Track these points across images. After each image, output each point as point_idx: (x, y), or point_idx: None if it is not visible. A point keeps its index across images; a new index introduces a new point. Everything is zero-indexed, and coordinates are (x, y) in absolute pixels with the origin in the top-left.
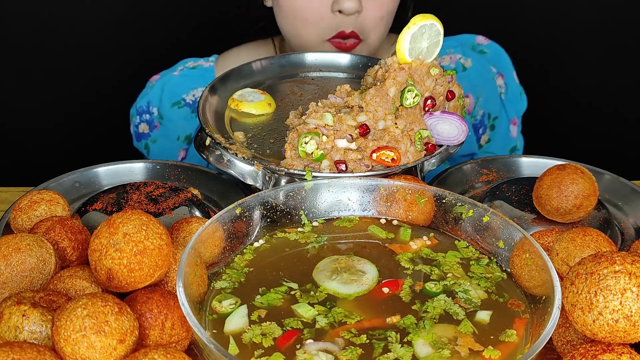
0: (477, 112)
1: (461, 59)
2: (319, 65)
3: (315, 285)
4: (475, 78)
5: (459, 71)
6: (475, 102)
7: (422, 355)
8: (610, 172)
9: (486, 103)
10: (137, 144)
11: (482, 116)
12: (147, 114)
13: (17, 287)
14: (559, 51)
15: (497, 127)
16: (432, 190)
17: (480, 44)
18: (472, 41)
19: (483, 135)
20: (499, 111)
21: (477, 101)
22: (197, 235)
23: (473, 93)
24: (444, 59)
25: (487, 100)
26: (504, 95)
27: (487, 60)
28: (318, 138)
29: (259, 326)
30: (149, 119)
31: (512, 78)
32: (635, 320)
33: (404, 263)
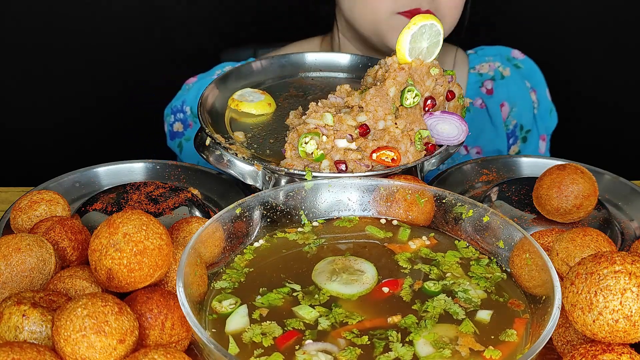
0: (510, 121)
1: (500, 67)
2: (319, 65)
3: (317, 287)
4: (512, 87)
5: (497, 79)
6: (510, 111)
7: (422, 355)
8: (610, 172)
9: (520, 115)
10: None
11: (515, 126)
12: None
13: (17, 287)
14: (561, 50)
15: (528, 140)
16: (432, 190)
17: (516, 58)
18: (507, 53)
19: (513, 146)
20: (531, 125)
21: (511, 111)
22: (197, 235)
23: (508, 102)
24: (482, 66)
25: (521, 113)
26: (536, 110)
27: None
28: (318, 138)
29: (259, 325)
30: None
31: (544, 94)
32: (635, 320)
33: (402, 263)
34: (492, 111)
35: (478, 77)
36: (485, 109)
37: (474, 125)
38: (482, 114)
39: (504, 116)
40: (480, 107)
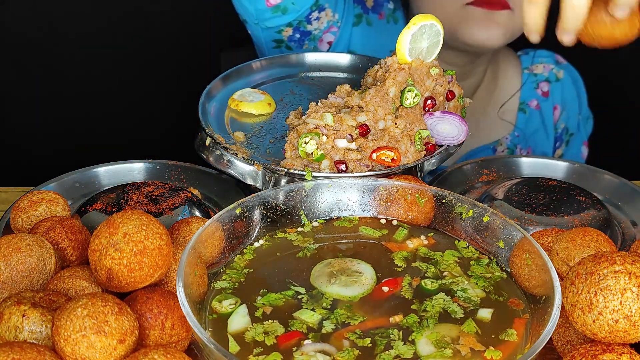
0: (560, 125)
1: (554, 69)
2: (319, 65)
3: (320, 291)
4: (565, 90)
5: (552, 81)
6: (560, 114)
7: (424, 354)
8: (610, 172)
9: (568, 118)
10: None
11: (563, 130)
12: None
13: (17, 287)
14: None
15: (570, 144)
16: (432, 190)
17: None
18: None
19: (558, 149)
20: (575, 129)
21: (561, 114)
22: (197, 235)
23: (561, 105)
24: (537, 67)
25: (569, 116)
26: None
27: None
28: (318, 138)
29: (261, 325)
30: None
31: (584, 101)
32: (635, 320)
33: (398, 261)
34: (546, 114)
35: (533, 77)
36: (540, 111)
37: (529, 127)
38: (536, 116)
39: (555, 119)
40: (536, 108)
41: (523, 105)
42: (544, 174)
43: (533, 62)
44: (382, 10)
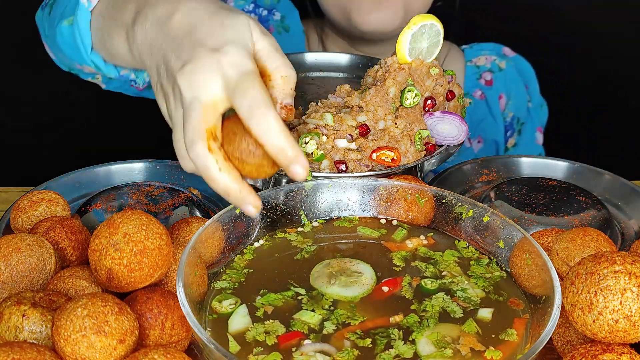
0: (507, 114)
1: (496, 60)
2: (319, 65)
3: (320, 292)
4: (509, 80)
5: (495, 71)
6: (507, 103)
7: (424, 354)
8: (610, 172)
9: (515, 107)
10: None
11: (512, 119)
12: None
13: (17, 287)
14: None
15: (523, 132)
16: (432, 190)
17: (507, 55)
18: (499, 50)
19: (510, 139)
20: (525, 117)
21: (507, 103)
22: (197, 235)
23: (506, 94)
24: (479, 59)
25: (517, 105)
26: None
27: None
28: (318, 138)
29: (262, 324)
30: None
31: (536, 90)
32: (635, 320)
33: (397, 261)
34: (491, 102)
35: (475, 69)
36: (485, 100)
37: (475, 116)
38: (482, 105)
39: (502, 108)
40: (480, 98)
41: (467, 96)
42: (544, 174)
43: (476, 55)
44: (269, 26)
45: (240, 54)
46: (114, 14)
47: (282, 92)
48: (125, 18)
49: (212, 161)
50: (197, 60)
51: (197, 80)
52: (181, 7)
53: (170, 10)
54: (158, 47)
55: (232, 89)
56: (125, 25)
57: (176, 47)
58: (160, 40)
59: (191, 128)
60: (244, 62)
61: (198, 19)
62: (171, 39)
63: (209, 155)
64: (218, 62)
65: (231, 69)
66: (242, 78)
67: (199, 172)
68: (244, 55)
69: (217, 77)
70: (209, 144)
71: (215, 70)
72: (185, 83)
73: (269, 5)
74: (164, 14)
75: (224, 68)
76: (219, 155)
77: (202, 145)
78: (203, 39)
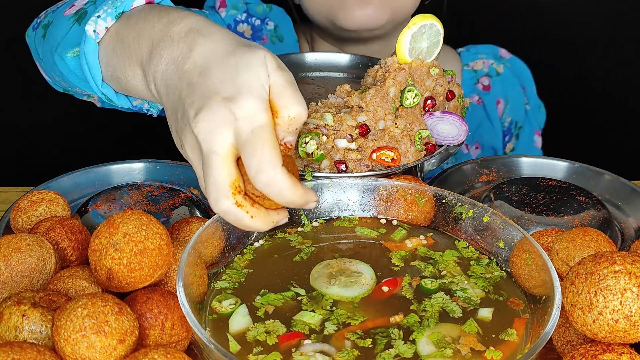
0: (505, 119)
1: (494, 64)
2: (319, 65)
3: (320, 293)
4: (506, 84)
5: (492, 75)
6: (504, 108)
7: (424, 354)
8: (610, 172)
9: (513, 111)
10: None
11: (510, 124)
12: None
13: (17, 287)
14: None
15: (521, 136)
16: (432, 190)
17: (503, 57)
18: (495, 52)
19: (508, 143)
20: (523, 121)
21: (505, 108)
22: (197, 235)
23: (504, 98)
24: (476, 63)
25: (515, 109)
26: (528, 106)
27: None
28: (318, 138)
29: (262, 324)
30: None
31: (533, 92)
32: (635, 320)
33: (396, 260)
34: (489, 107)
35: (473, 73)
36: (482, 105)
37: (472, 121)
38: (479, 110)
39: (500, 113)
40: (478, 103)
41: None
42: (544, 174)
43: (473, 59)
44: (263, 35)
45: (254, 105)
46: (126, 50)
47: (285, 130)
48: (139, 54)
49: (242, 214)
50: (210, 110)
51: (212, 133)
52: (196, 48)
53: (186, 50)
54: (174, 89)
55: (242, 143)
56: (140, 62)
57: (190, 92)
58: (175, 81)
59: (214, 185)
60: (257, 114)
61: (212, 61)
62: (186, 82)
63: (239, 210)
64: (231, 114)
65: (244, 121)
66: (252, 134)
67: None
68: (257, 106)
69: (230, 130)
70: (236, 199)
71: (228, 122)
72: (201, 135)
73: (261, 15)
74: (179, 54)
75: (237, 120)
76: (246, 205)
77: (230, 203)
78: (217, 85)
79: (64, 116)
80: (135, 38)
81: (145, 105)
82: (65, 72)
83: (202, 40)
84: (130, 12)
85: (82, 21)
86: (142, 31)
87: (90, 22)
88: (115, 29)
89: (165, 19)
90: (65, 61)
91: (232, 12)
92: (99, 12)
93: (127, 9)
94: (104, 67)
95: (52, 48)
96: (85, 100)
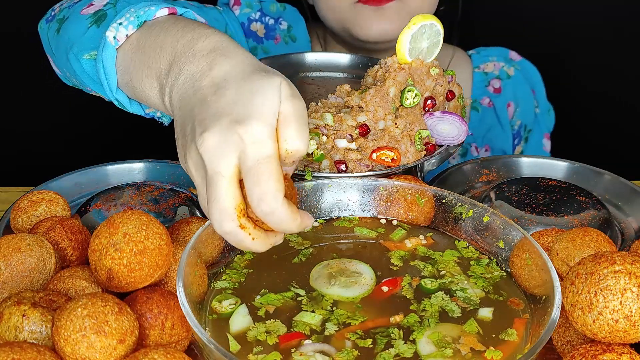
0: (515, 122)
1: (504, 67)
2: (319, 65)
3: (320, 293)
4: (517, 87)
5: (503, 78)
6: (514, 111)
7: (424, 353)
8: (610, 172)
9: (523, 114)
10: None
11: (520, 127)
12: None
13: (17, 287)
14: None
15: (530, 140)
16: (432, 190)
17: (513, 60)
18: (506, 54)
19: (517, 146)
20: (533, 124)
21: (515, 111)
22: (197, 235)
23: (514, 101)
24: (487, 65)
25: (524, 112)
26: (537, 110)
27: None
28: (318, 138)
29: (263, 324)
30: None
31: (543, 95)
32: (635, 320)
33: (395, 260)
34: (500, 110)
35: (483, 76)
36: (493, 108)
37: (483, 124)
38: (490, 113)
39: (510, 116)
40: (488, 105)
41: (475, 103)
42: (544, 174)
43: (483, 61)
44: (276, 35)
45: (262, 133)
46: (146, 60)
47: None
48: (158, 67)
49: (244, 236)
50: (218, 131)
51: (217, 155)
52: (216, 67)
53: (206, 68)
54: (187, 104)
55: (246, 169)
56: (158, 75)
57: (203, 109)
58: (190, 96)
59: (218, 207)
60: (264, 142)
61: (229, 82)
62: (200, 99)
63: (241, 231)
64: (239, 138)
65: (251, 148)
66: (258, 163)
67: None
68: (265, 133)
69: (236, 153)
70: (240, 222)
71: (234, 145)
72: (206, 154)
73: (275, 14)
74: (199, 71)
75: (244, 145)
76: (249, 227)
77: (234, 225)
78: (229, 106)
79: (64, 116)
80: (156, 50)
81: (157, 114)
82: (79, 72)
83: (223, 60)
84: (153, 22)
85: (102, 24)
86: (164, 44)
87: (111, 28)
88: (136, 37)
89: (190, 35)
90: (80, 62)
91: (246, 10)
92: (120, 19)
93: (149, 18)
94: (120, 75)
95: (67, 46)
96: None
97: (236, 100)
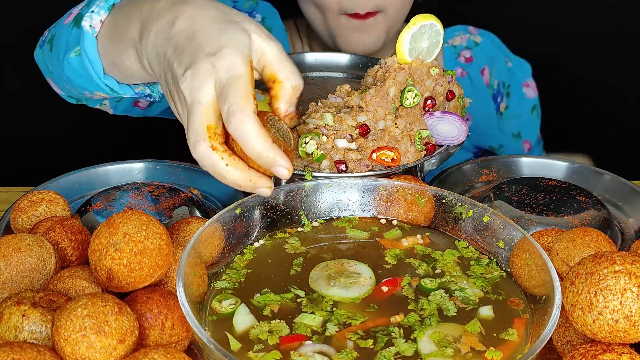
0: (493, 82)
1: (471, 37)
2: (319, 65)
3: (320, 295)
4: (487, 51)
5: (472, 47)
6: (490, 72)
7: (424, 352)
8: (610, 172)
9: (499, 73)
10: None
11: (498, 85)
12: None
13: (17, 287)
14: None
15: (511, 94)
16: (432, 190)
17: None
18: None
19: (501, 104)
20: (509, 79)
21: (491, 72)
22: (197, 235)
23: (488, 64)
24: (454, 39)
25: (499, 71)
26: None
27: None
28: (318, 138)
29: (267, 323)
30: None
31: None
32: (635, 320)
33: (389, 258)
34: (474, 77)
35: (453, 49)
36: (468, 76)
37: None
38: (464, 82)
39: (486, 80)
40: (461, 75)
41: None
42: (544, 174)
43: (450, 37)
44: None
45: (234, 58)
46: (120, 36)
47: (289, 101)
48: (131, 37)
49: (217, 158)
50: (195, 65)
51: (195, 85)
52: (181, 15)
53: (171, 19)
54: (163, 56)
55: (219, 92)
56: (133, 43)
57: (179, 53)
58: (164, 48)
59: (193, 130)
60: (236, 65)
61: (198, 25)
62: (173, 46)
63: (213, 153)
64: (213, 66)
65: (223, 72)
66: (228, 82)
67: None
68: (237, 58)
69: (211, 80)
70: (211, 143)
71: (210, 73)
72: (187, 88)
73: (248, 9)
74: (166, 23)
75: (218, 71)
76: (222, 151)
77: (206, 146)
78: (202, 44)
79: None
80: (126, 22)
81: (147, 90)
82: (71, 75)
83: (186, 7)
84: (120, 3)
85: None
86: (131, 15)
87: (85, 18)
88: (108, 20)
89: None
90: (70, 62)
91: None
92: (92, 7)
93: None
94: (104, 59)
95: (59, 57)
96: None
97: (208, 38)
